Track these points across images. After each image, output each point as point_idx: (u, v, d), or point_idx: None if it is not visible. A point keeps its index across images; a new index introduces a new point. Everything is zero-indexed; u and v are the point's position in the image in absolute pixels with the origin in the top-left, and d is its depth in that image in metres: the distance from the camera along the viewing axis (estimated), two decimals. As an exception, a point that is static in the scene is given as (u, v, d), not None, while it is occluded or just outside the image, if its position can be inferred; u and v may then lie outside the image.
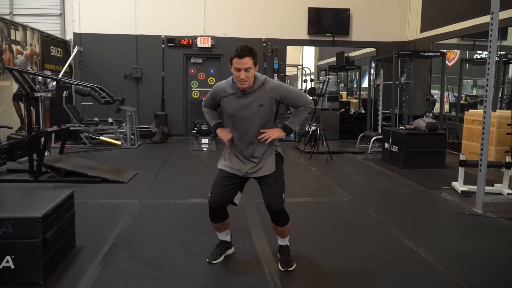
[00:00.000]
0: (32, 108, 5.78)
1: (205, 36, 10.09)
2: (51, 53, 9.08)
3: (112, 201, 4.60)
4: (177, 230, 3.71)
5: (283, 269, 2.88)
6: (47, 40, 8.88)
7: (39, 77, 7.56)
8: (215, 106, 2.95)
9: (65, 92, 8.57)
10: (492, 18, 4.08)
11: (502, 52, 8.48)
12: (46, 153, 5.82)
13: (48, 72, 8.15)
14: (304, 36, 10.49)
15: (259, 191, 2.89)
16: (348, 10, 10.41)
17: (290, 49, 10.83)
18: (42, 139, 5.55)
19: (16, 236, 2.56)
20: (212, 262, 2.99)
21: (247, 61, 2.57)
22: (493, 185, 5.08)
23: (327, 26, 10.44)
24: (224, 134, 2.89)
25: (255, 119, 2.73)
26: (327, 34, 10.50)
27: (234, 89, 2.73)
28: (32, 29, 8.27)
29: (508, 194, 4.84)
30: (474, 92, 10.68)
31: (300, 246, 3.26)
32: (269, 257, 3.11)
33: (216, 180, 2.90)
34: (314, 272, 2.91)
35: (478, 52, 10.20)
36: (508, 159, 4.86)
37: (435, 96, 10.20)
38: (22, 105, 7.27)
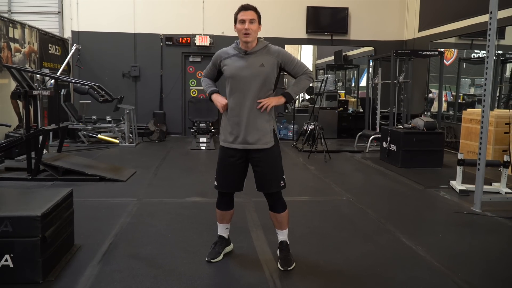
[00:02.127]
0: (30, 106, 5.77)
1: (204, 35, 10.08)
2: (49, 51, 9.05)
3: (110, 199, 4.59)
4: (176, 229, 3.71)
5: (282, 268, 2.88)
6: (45, 38, 8.86)
7: (37, 75, 7.53)
8: (214, 75, 2.93)
9: (63, 90, 8.55)
10: (490, 18, 4.09)
11: (500, 51, 8.50)
12: (44, 151, 5.81)
13: (46, 70, 8.13)
14: (303, 35, 10.49)
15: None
16: (347, 9, 10.41)
17: (288, 48, 10.81)
18: (41, 137, 5.54)
19: (15, 235, 2.56)
20: (212, 261, 2.99)
21: (252, 14, 2.70)
22: (491, 184, 5.10)
23: (325, 25, 10.43)
24: (219, 98, 2.83)
25: (254, 81, 2.72)
26: (326, 33, 10.49)
27: (236, 50, 2.78)
28: (31, 27, 8.24)
29: (506, 193, 4.85)
30: (472, 91, 10.71)
31: (299, 245, 3.26)
32: (268, 256, 3.12)
33: (219, 164, 2.90)
34: (313, 271, 2.91)
35: (476, 51, 10.23)
36: (506, 158, 4.87)
37: (432, 94, 10.22)
38: (20, 103, 7.25)
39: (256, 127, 2.76)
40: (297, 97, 2.72)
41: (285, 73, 2.87)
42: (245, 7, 2.71)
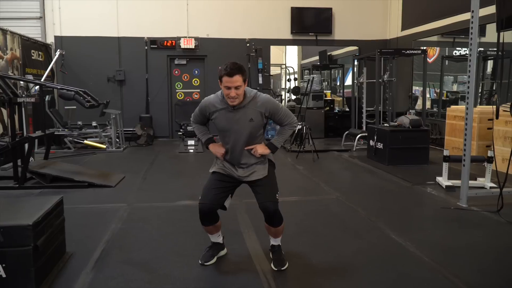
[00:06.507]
0: (15, 114, 5.69)
1: (189, 37, 10.06)
2: (32, 57, 8.94)
3: (100, 205, 4.57)
4: (168, 233, 3.71)
5: (275, 269, 2.91)
6: (27, 44, 8.74)
7: (21, 82, 7.44)
8: (204, 121, 2.97)
9: (47, 96, 8.46)
10: (472, 16, 4.18)
11: (481, 49, 8.66)
12: (31, 159, 5.74)
13: (30, 77, 8.03)
14: (288, 35, 10.55)
15: (249, 191, 2.92)
16: (330, 9, 10.51)
17: (273, 49, 10.87)
18: (26, 145, 5.47)
19: (7, 245, 2.53)
20: (205, 264, 3.00)
21: (237, 79, 2.56)
22: (476, 179, 5.20)
23: (309, 25, 10.52)
24: (216, 149, 2.91)
25: (245, 132, 2.77)
26: (310, 34, 10.57)
27: (224, 104, 2.74)
28: (12, 33, 8.12)
29: (490, 187, 4.96)
30: (455, 88, 10.89)
31: (291, 245, 3.29)
32: (261, 257, 3.14)
33: (208, 183, 2.91)
34: (306, 270, 2.95)
35: (458, 48, 10.40)
36: (489, 153, 4.98)
37: (416, 93, 10.36)
38: (4, 111, 7.15)
39: (251, 165, 2.84)
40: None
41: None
42: (229, 73, 2.54)
